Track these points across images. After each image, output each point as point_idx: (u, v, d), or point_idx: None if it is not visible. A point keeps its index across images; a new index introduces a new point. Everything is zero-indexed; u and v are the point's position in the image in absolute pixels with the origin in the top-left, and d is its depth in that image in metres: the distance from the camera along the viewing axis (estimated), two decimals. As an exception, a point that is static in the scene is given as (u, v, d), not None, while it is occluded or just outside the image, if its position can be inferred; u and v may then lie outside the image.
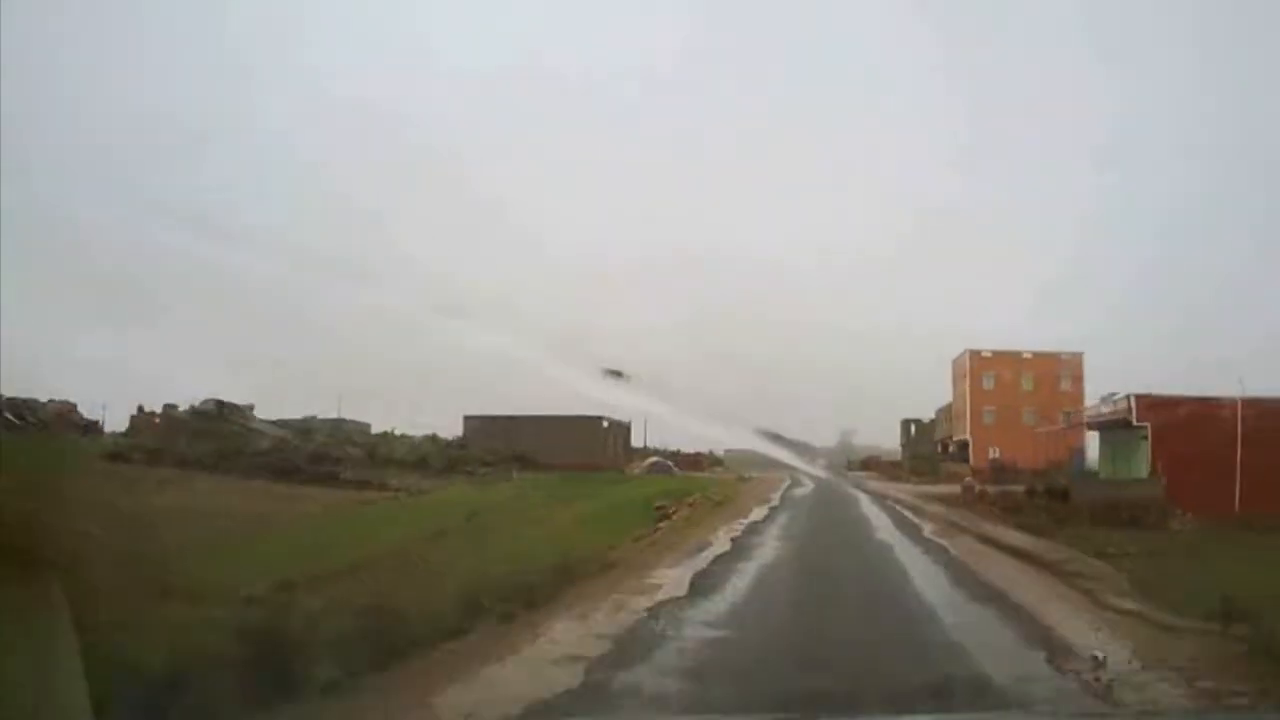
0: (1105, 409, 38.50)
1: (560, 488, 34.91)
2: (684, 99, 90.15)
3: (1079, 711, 6.58)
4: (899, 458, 77.54)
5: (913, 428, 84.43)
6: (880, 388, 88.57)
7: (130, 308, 51.35)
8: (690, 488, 34.74)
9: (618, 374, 17.32)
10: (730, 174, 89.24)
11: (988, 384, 63.04)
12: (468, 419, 54.39)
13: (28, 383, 41.05)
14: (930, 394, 75.41)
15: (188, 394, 49.76)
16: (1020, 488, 32.91)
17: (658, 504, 26.96)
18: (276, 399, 54.86)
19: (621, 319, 72.56)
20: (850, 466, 79.06)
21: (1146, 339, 77.34)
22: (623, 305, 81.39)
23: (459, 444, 53.78)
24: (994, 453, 54.37)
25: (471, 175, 78.00)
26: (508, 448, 49.67)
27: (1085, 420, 38.65)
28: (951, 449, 66.56)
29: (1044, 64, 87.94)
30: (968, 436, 63.10)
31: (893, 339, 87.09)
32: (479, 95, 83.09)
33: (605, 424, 53.13)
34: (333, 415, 56.92)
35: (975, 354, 63.49)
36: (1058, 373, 62.05)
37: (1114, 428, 38.06)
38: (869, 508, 32.02)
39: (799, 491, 39.78)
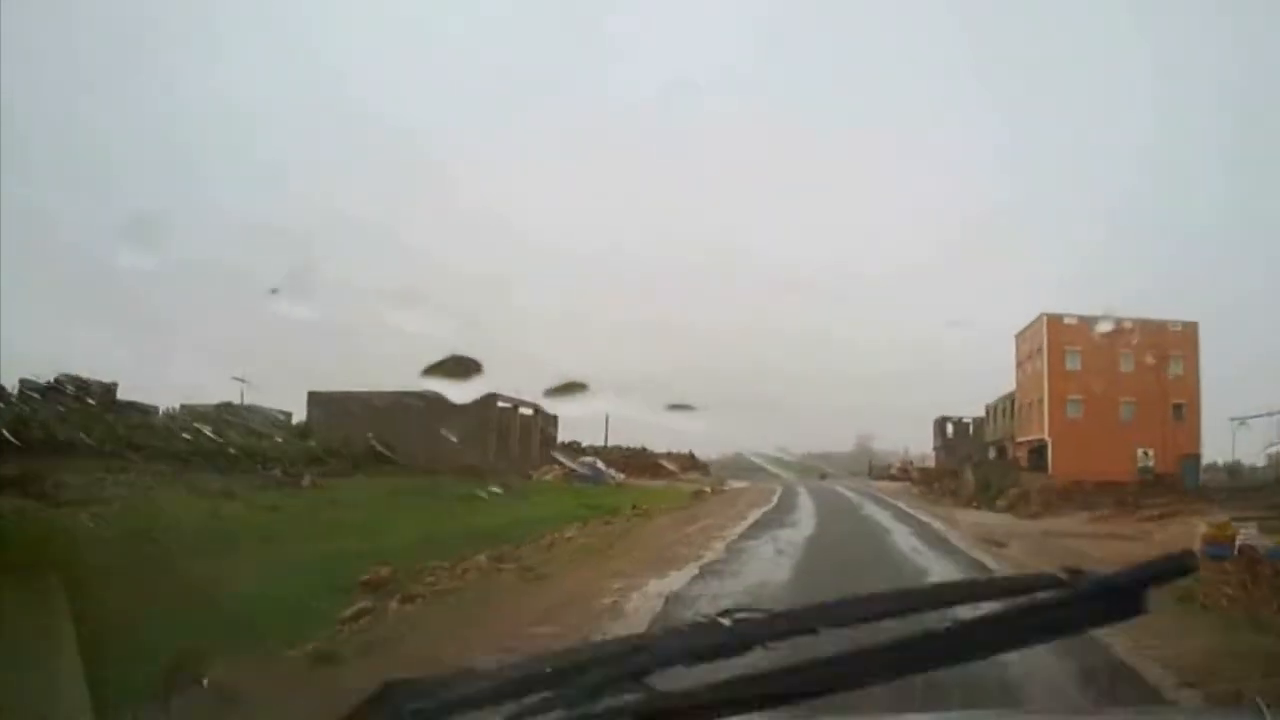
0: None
1: (333, 507, 18.14)
2: (708, 99, 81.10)
3: (1079, 711, 4.88)
4: (931, 464, 60.93)
5: (950, 427, 67.61)
6: (902, 388, 75.83)
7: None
8: (548, 518, 17.36)
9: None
10: (744, 175, 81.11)
11: (1072, 364, 43.95)
12: (313, 396, 37.11)
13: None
14: (959, 393, 68.62)
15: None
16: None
17: (365, 577, 9.77)
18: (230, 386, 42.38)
19: (615, 319, 68.23)
20: (872, 474, 63.31)
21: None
22: (619, 306, 75.66)
23: (303, 430, 37.17)
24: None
25: (473, 173, 69.54)
26: (363, 436, 32.93)
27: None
28: (1014, 454, 47.59)
29: (1079, 63, 76.27)
30: (1045, 436, 43.50)
31: (916, 339, 75.50)
32: (476, 89, 73.82)
33: (505, 406, 34.89)
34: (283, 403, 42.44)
35: (1055, 321, 43.79)
36: (1165, 348, 43.80)
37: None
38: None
39: (770, 556, 15.37)
